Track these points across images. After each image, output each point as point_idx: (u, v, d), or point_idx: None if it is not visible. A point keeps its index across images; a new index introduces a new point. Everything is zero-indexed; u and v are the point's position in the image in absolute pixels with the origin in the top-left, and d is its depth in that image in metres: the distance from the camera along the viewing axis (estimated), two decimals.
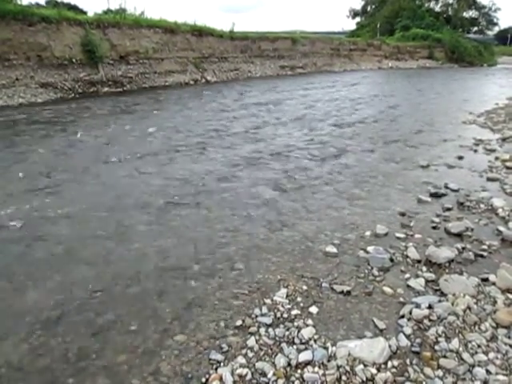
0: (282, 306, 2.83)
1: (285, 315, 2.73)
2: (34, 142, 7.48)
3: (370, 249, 3.62)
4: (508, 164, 6.20)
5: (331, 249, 3.64)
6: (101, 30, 15.75)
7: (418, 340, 2.46)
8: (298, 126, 9.35)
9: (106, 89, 14.80)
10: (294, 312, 2.76)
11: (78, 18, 15.45)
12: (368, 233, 3.99)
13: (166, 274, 3.27)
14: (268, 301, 2.89)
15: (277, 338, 2.50)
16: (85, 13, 22.48)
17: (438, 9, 53.54)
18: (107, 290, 3.05)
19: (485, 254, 3.55)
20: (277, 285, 3.11)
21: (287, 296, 2.95)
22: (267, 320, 2.67)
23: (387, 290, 3.03)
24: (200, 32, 20.23)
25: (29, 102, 12.05)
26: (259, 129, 8.93)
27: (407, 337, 2.49)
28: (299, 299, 2.92)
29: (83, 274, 3.26)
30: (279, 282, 3.15)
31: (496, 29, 61.58)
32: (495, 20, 57.30)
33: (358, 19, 60.46)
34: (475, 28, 57.19)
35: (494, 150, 7.19)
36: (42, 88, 13.05)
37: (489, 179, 5.65)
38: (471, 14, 56.10)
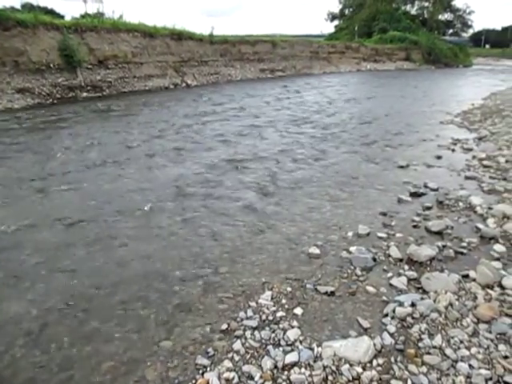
0: (267, 308, 2.83)
1: (270, 317, 2.73)
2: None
3: (352, 249, 3.66)
4: (485, 162, 6.35)
5: (314, 250, 3.66)
6: (78, 35, 15.51)
7: (402, 338, 2.49)
8: (277, 129, 9.39)
9: (84, 94, 14.59)
10: (279, 314, 2.77)
11: (55, 22, 15.18)
12: (350, 233, 4.03)
13: (149, 279, 3.24)
14: (253, 304, 2.90)
15: (263, 341, 2.51)
16: (62, 17, 22.21)
17: (414, 12, 54.63)
18: (90, 297, 3.01)
19: (465, 251, 3.63)
20: (261, 287, 3.11)
21: (272, 298, 2.95)
22: (252, 323, 2.67)
23: (370, 289, 3.06)
24: (179, 36, 20.12)
25: (5, 107, 11.78)
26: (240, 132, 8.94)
27: (391, 335, 2.53)
28: (284, 301, 2.93)
29: (66, 282, 3.21)
30: (263, 284, 3.16)
31: (470, 31, 63.63)
32: (470, 22, 59.16)
33: (336, 22, 61.20)
34: (450, 30, 58.76)
35: (471, 149, 7.36)
36: (18, 94, 12.76)
37: (467, 178, 5.77)
38: (446, 16, 57.69)
